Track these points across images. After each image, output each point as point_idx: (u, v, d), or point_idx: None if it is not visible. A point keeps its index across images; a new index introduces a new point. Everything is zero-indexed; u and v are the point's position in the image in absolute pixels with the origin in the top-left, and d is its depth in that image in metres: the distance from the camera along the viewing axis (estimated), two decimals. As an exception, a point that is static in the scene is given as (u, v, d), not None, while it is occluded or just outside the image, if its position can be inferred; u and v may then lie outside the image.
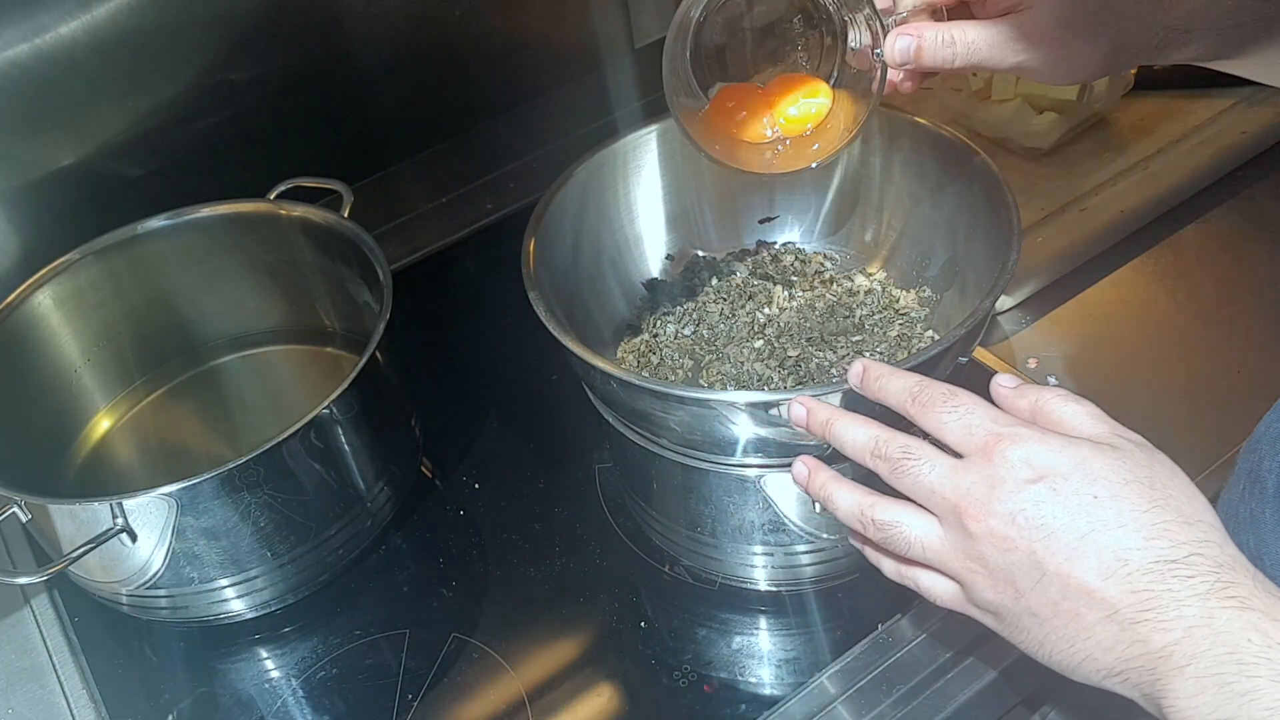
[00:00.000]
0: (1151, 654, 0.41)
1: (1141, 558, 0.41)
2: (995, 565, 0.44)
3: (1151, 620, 0.41)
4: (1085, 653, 0.43)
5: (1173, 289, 0.81)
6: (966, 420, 0.46)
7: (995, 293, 0.57)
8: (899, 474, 0.47)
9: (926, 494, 0.46)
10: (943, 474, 0.45)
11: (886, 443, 0.48)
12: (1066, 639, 0.43)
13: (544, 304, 0.60)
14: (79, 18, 0.80)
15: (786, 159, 0.65)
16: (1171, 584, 0.41)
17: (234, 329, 0.85)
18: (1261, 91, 0.92)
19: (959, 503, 0.45)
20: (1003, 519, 0.43)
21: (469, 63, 1.02)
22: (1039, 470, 0.44)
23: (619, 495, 0.74)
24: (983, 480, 0.44)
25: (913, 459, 0.46)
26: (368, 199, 0.93)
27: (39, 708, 0.67)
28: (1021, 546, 0.43)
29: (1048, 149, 0.89)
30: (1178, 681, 0.40)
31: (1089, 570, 0.42)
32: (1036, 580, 0.43)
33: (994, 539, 0.44)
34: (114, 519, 0.61)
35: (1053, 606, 0.43)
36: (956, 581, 0.47)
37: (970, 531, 0.44)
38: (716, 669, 0.65)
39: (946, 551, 0.46)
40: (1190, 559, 0.41)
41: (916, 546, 0.47)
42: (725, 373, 0.70)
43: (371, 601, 0.71)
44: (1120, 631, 0.41)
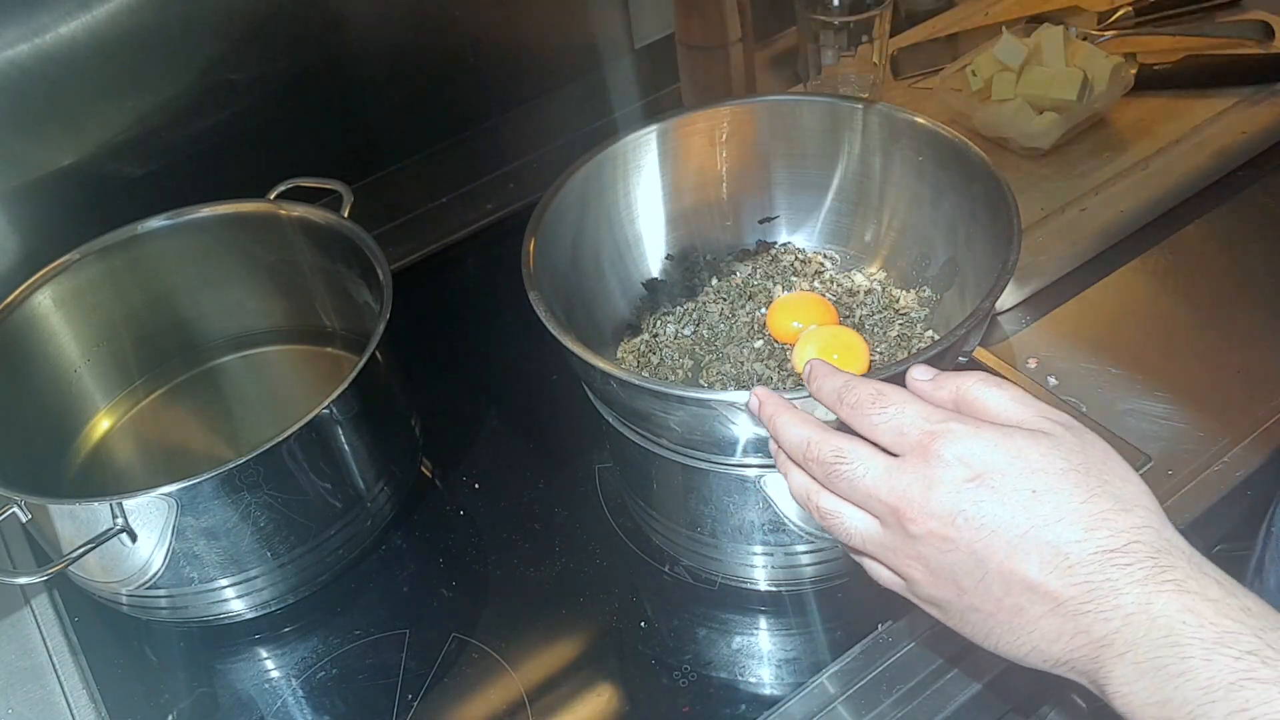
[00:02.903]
0: (1094, 643, 0.41)
1: (1082, 550, 0.41)
2: (936, 565, 0.44)
3: (1093, 611, 0.41)
4: (1031, 644, 0.43)
5: (1173, 289, 0.81)
6: (897, 421, 0.46)
7: (995, 293, 0.57)
8: (833, 478, 0.46)
9: (863, 498, 0.46)
10: (878, 477, 0.45)
11: (819, 445, 0.47)
12: (1012, 632, 0.43)
13: (544, 304, 0.60)
14: (79, 18, 0.80)
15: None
16: (1111, 573, 0.41)
17: (234, 329, 0.85)
18: (1261, 91, 0.92)
19: (896, 505, 0.44)
20: (942, 520, 0.43)
21: (469, 63, 1.02)
22: (975, 468, 0.43)
23: (619, 495, 0.74)
24: (919, 481, 0.44)
25: (845, 463, 0.46)
26: (368, 199, 0.93)
27: (39, 708, 0.67)
28: (962, 546, 0.43)
29: (1048, 149, 0.89)
30: (1119, 668, 0.40)
31: (1031, 566, 0.42)
32: (979, 579, 0.43)
33: (934, 540, 0.44)
34: (114, 519, 0.61)
35: (996, 602, 0.43)
36: (899, 575, 0.47)
37: (910, 533, 0.44)
38: (716, 669, 0.65)
39: (886, 547, 0.46)
40: (1129, 547, 0.41)
41: (857, 539, 0.47)
42: (725, 373, 0.70)
43: (371, 601, 0.71)
44: (1064, 623, 0.42)
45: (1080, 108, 0.88)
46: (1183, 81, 0.93)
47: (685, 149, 0.74)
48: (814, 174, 0.75)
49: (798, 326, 0.70)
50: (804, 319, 0.70)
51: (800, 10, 0.93)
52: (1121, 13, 1.01)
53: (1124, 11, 1.01)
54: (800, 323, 0.70)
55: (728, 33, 0.92)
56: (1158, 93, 0.93)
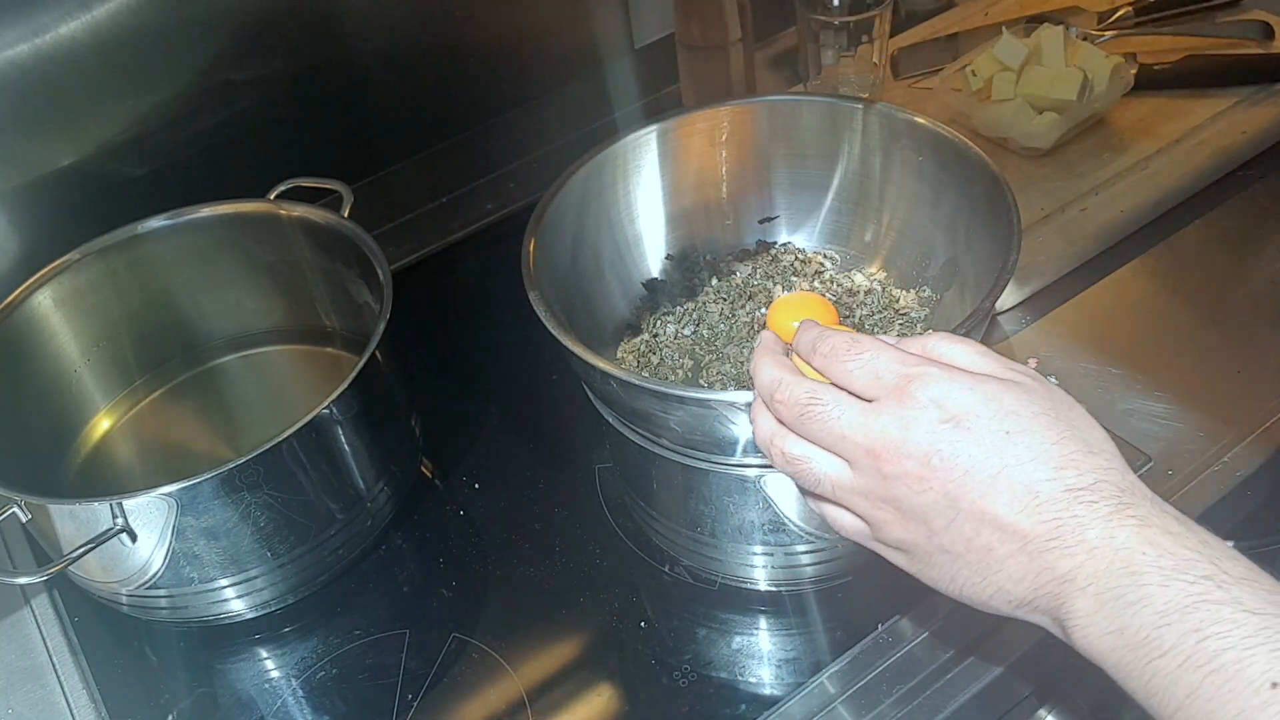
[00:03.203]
0: (1058, 579, 0.42)
1: (1051, 488, 0.42)
2: (909, 506, 0.44)
3: (1058, 548, 0.41)
4: (996, 585, 0.43)
5: (1173, 289, 0.81)
6: (873, 365, 0.46)
7: (995, 293, 0.57)
8: (805, 420, 0.46)
9: (836, 439, 0.46)
10: (853, 419, 0.45)
11: (790, 387, 0.47)
12: (978, 573, 0.44)
13: (544, 304, 0.60)
14: (79, 18, 0.80)
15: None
16: (1077, 510, 0.41)
17: (234, 329, 0.85)
18: (1261, 91, 0.92)
19: (872, 446, 0.44)
20: (918, 460, 0.44)
21: (469, 63, 1.02)
22: (951, 410, 0.44)
23: (619, 495, 0.74)
24: (895, 422, 0.44)
25: (820, 404, 0.46)
26: (368, 199, 0.93)
27: (39, 708, 0.67)
28: (936, 487, 0.43)
29: (1048, 149, 0.89)
30: (1080, 601, 0.41)
31: (1002, 505, 0.42)
32: (951, 519, 0.43)
33: (909, 480, 0.44)
34: (114, 519, 0.61)
35: (965, 543, 0.43)
36: (863, 520, 0.47)
37: (885, 474, 0.44)
38: (716, 669, 0.65)
39: (857, 492, 0.46)
40: (1096, 485, 0.42)
41: (826, 484, 0.47)
42: (725, 373, 0.70)
43: (371, 601, 0.71)
44: (1030, 561, 0.42)
45: (1080, 108, 0.88)
46: (1183, 81, 0.93)
47: (685, 149, 0.74)
48: (814, 174, 0.75)
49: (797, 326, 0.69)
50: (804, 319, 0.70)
51: (800, 10, 0.94)
52: (1121, 13, 1.01)
53: (1124, 11, 1.01)
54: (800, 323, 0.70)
55: (728, 33, 0.92)
56: (1158, 93, 0.93)
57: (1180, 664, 0.38)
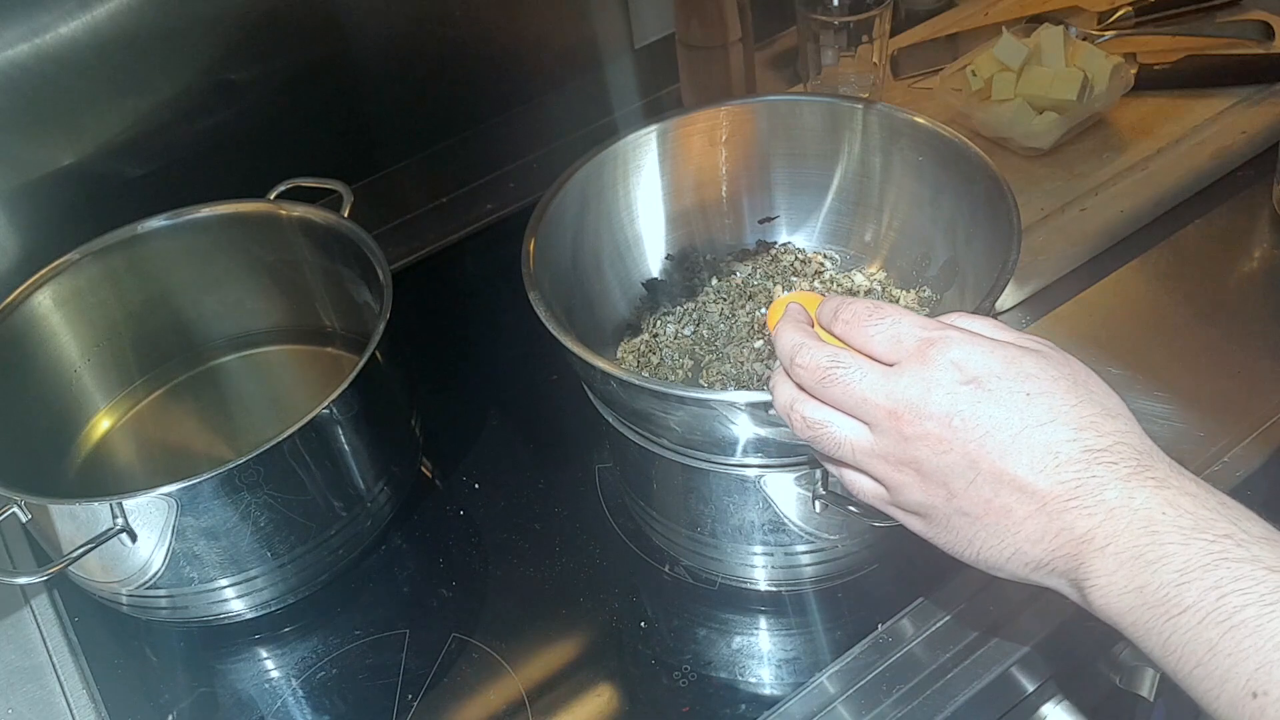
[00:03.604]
0: (1076, 539, 0.42)
1: (1071, 449, 0.42)
2: (929, 468, 0.45)
3: (1077, 507, 0.42)
4: (1014, 547, 0.44)
5: (1173, 289, 0.81)
6: (894, 330, 0.46)
7: (995, 293, 0.57)
8: (826, 383, 0.46)
9: (857, 402, 0.46)
10: (874, 382, 0.45)
11: (811, 351, 0.47)
12: (996, 535, 0.44)
13: (544, 304, 0.60)
14: (79, 18, 0.80)
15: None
16: (1097, 471, 0.42)
17: (234, 329, 0.85)
18: (1261, 91, 0.92)
19: (894, 408, 0.45)
20: (939, 421, 0.44)
21: (469, 63, 1.02)
22: (971, 372, 0.44)
23: (619, 495, 0.74)
24: (917, 384, 0.44)
25: (841, 368, 0.46)
26: (368, 199, 0.93)
27: (39, 708, 0.67)
28: (957, 448, 0.44)
29: (1048, 149, 0.89)
30: (1098, 561, 0.41)
31: (1022, 466, 0.43)
32: (970, 480, 0.44)
33: (930, 441, 0.44)
34: (114, 519, 0.61)
35: (984, 504, 0.44)
36: (882, 484, 0.47)
37: (905, 435, 0.45)
38: (716, 669, 0.65)
39: (876, 455, 0.46)
40: (1115, 447, 0.42)
41: (846, 448, 0.47)
42: (725, 373, 0.70)
43: (371, 601, 0.71)
44: (1048, 522, 0.42)
45: (1080, 108, 0.88)
46: (1183, 81, 0.93)
47: (685, 149, 0.74)
48: (814, 174, 0.75)
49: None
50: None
51: (800, 10, 0.93)
52: (1121, 13, 1.01)
53: (1124, 11, 1.01)
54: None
55: (728, 33, 0.92)
56: (1158, 93, 0.93)
57: (1200, 620, 0.38)
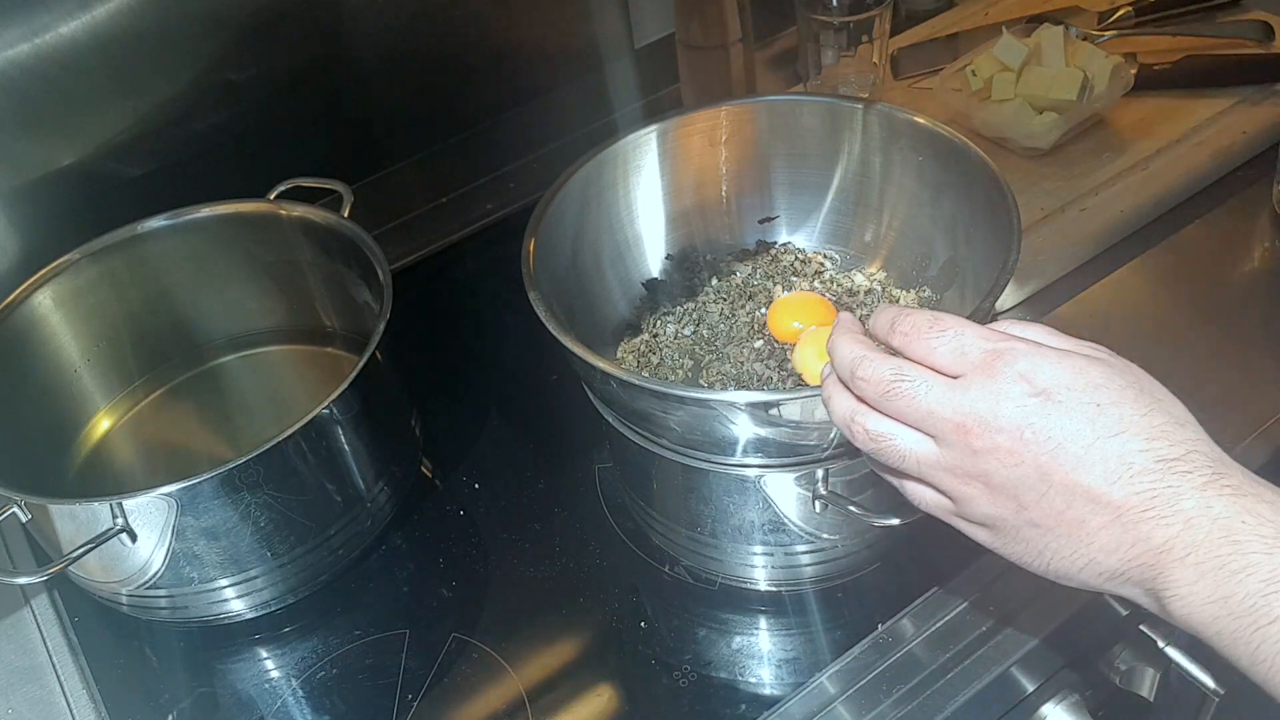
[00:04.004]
0: (1154, 550, 0.41)
1: (1144, 459, 0.42)
2: (999, 480, 0.44)
3: (1154, 517, 0.41)
4: (1088, 558, 0.43)
5: (1173, 289, 0.81)
6: (957, 342, 0.46)
7: (995, 293, 0.57)
8: (890, 397, 0.46)
9: (923, 415, 0.45)
10: (940, 394, 0.45)
11: (873, 363, 0.47)
12: (1069, 546, 0.44)
13: (544, 304, 0.60)
14: (79, 18, 0.80)
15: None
16: (1172, 480, 0.42)
17: (234, 329, 0.85)
18: (1261, 91, 0.92)
19: (962, 421, 0.44)
20: (1010, 434, 0.43)
21: (469, 63, 1.02)
22: (1040, 384, 0.44)
23: (619, 495, 0.74)
24: (985, 397, 0.44)
25: (906, 380, 0.46)
26: (368, 199, 0.93)
27: (39, 708, 0.67)
28: (1028, 460, 0.43)
29: (1048, 149, 0.89)
30: (1178, 571, 0.41)
31: (1095, 477, 0.42)
32: (1042, 493, 0.43)
33: (1000, 454, 0.44)
34: (114, 519, 0.61)
35: (1057, 516, 0.43)
36: (947, 496, 0.47)
37: (974, 449, 0.44)
38: (716, 669, 0.65)
39: (942, 468, 0.46)
40: (1188, 456, 0.42)
41: (911, 460, 0.47)
42: (725, 373, 0.70)
43: (371, 601, 0.71)
44: (1123, 532, 0.42)
45: (1080, 108, 0.88)
46: (1183, 81, 0.93)
47: (685, 149, 0.74)
48: (814, 174, 0.75)
49: (798, 326, 0.70)
50: (804, 319, 0.70)
51: (800, 10, 0.93)
52: (1121, 13, 1.01)
53: (1124, 11, 1.01)
54: (800, 323, 0.70)
55: (728, 33, 0.92)
56: (1158, 93, 0.93)
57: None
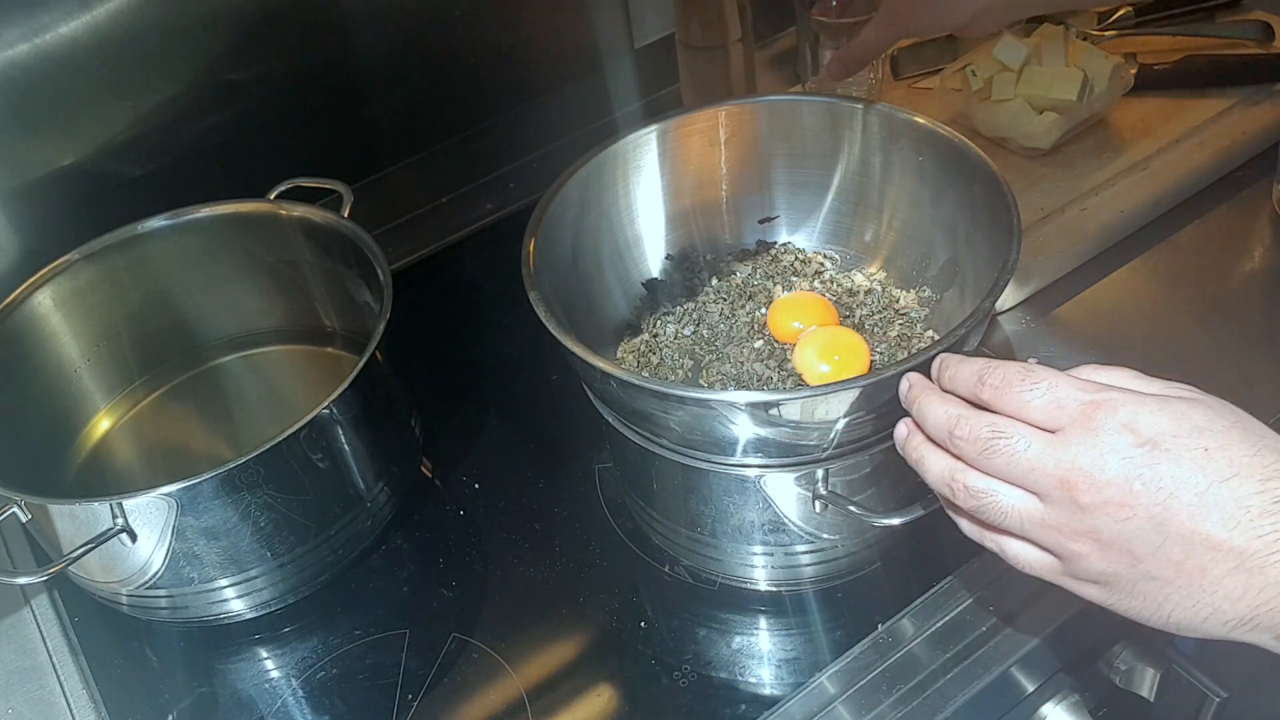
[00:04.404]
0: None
1: (1261, 502, 0.41)
2: (1111, 535, 0.43)
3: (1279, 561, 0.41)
4: (1212, 607, 0.42)
5: (1173, 289, 0.81)
6: (1053, 394, 0.45)
7: (995, 293, 0.57)
8: (990, 454, 0.45)
9: (1024, 473, 0.45)
10: (1041, 450, 0.44)
11: (970, 422, 0.46)
12: (1191, 597, 0.43)
13: (544, 304, 0.60)
14: (79, 18, 0.80)
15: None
16: None
17: (234, 329, 0.85)
18: (1261, 91, 0.92)
19: (1066, 477, 0.43)
20: (1118, 488, 0.43)
21: (469, 63, 1.02)
22: (1144, 434, 0.43)
23: (619, 495, 0.74)
24: (1089, 451, 0.43)
25: (1004, 437, 0.45)
26: (368, 199, 0.93)
27: (39, 708, 0.67)
28: (1141, 513, 0.42)
29: (1048, 149, 0.89)
30: None
31: (1214, 524, 0.41)
32: (1158, 545, 0.42)
33: (1110, 509, 0.43)
34: (114, 519, 0.61)
35: (1175, 567, 0.42)
36: (1054, 555, 0.46)
37: (1082, 505, 0.43)
38: (716, 669, 0.65)
39: (1048, 525, 0.45)
40: None
41: (1014, 517, 0.46)
42: (725, 373, 0.70)
43: (371, 601, 0.72)
44: (1249, 578, 0.41)
45: (1080, 108, 0.88)
46: (1183, 81, 0.93)
47: (685, 149, 0.74)
48: (814, 174, 0.75)
49: (798, 326, 0.70)
50: (804, 319, 0.70)
51: (800, 10, 0.93)
52: (1121, 13, 1.01)
53: (1124, 11, 1.01)
54: (801, 323, 0.70)
55: (728, 33, 0.92)
56: (1158, 93, 0.93)
57: None
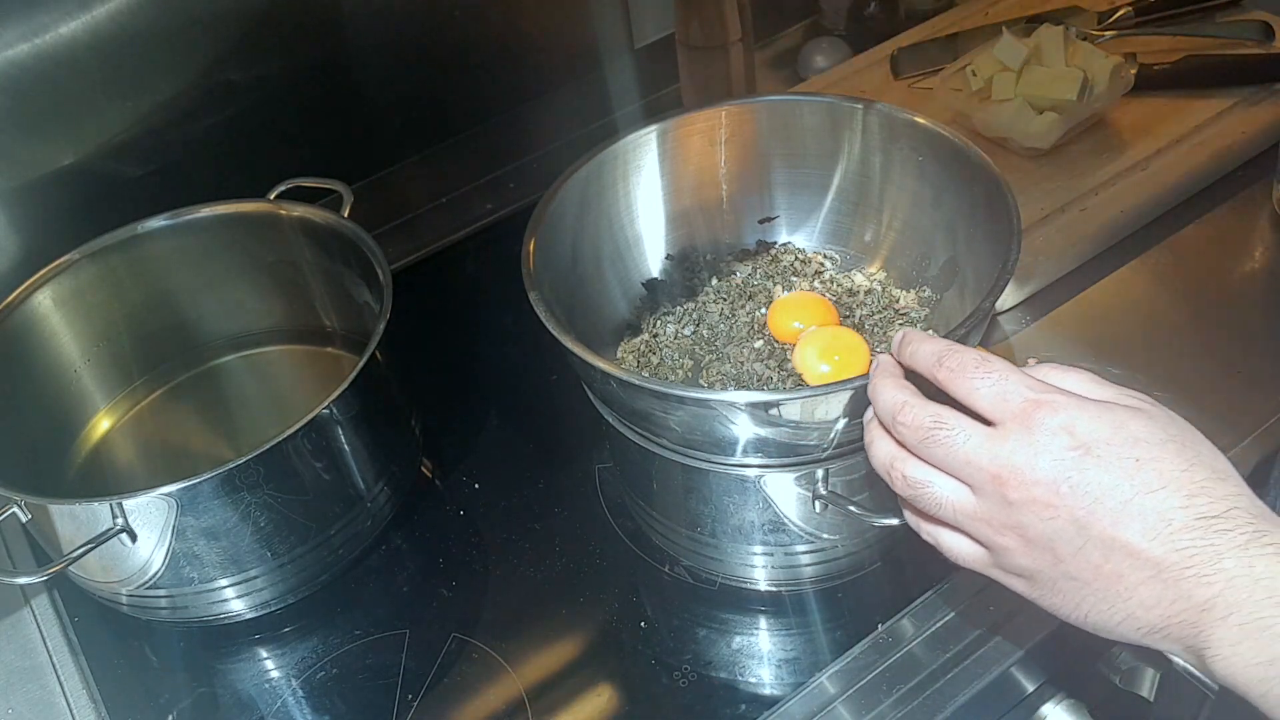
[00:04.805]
0: (1194, 608, 0.41)
1: (1184, 516, 0.42)
2: (1035, 533, 0.44)
3: (1194, 576, 0.41)
4: (1126, 612, 0.43)
5: (1173, 289, 0.81)
6: (1001, 386, 0.45)
7: (995, 293, 0.57)
8: (929, 443, 0.46)
9: (960, 464, 0.45)
10: (978, 444, 0.45)
11: (914, 409, 0.47)
12: (1107, 600, 0.43)
13: (544, 304, 0.60)
14: (79, 18, 0.80)
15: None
16: (1213, 539, 0.41)
17: (234, 329, 0.85)
18: (1261, 91, 0.92)
19: (998, 472, 0.44)
20: (1046, 487, 0.43)
21: (469, 63, 1.02)
22: (1080, 437, 0.43)
23: (619, 495, 0.74)
24: (1023, 449, 0.44)
25: (944, 428, 0.46)
26: (368, 199, 0.93)
27: (39, 708, 0.67)
28: (1064, 514, 0.43)
29: (1048, 149, 0.89)
30: (1220, 631, 0.41)
31: (1134, 532, 0.42)
32: (1079, 546, 0.43)
33: (1036, 507, 0.44)
34: (114, 519, 0.61)
35: (1094, 570, 0.43)
36: (984, 547, 0.47)
37: (1010, 500, 0.44)
38: (716, 669, 0.65)
39: (979, 518, 0.46)
40: (1229, 513, 0.42)
41: (947, 508, 0.46)
42: (725, 373, 0.70)
43: (371, 601, 0.72)
44: (1164, 589, 0.42)
45: (1080, 108, 0.88)
46: (1183, 81, 0.93)
47: (685, 149, 0.74)
48: (814, 174, 0.75)
49: (798, 326, 0.70)
50: (804, 319, 0.70)
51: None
52: (1121, 13, 1.01)
53: (1124, 11, 1.01)
54: (801, 323, 0.70)
55: (728, 33, 0.92)
56: (1158, 93, 0.93)
57: None
